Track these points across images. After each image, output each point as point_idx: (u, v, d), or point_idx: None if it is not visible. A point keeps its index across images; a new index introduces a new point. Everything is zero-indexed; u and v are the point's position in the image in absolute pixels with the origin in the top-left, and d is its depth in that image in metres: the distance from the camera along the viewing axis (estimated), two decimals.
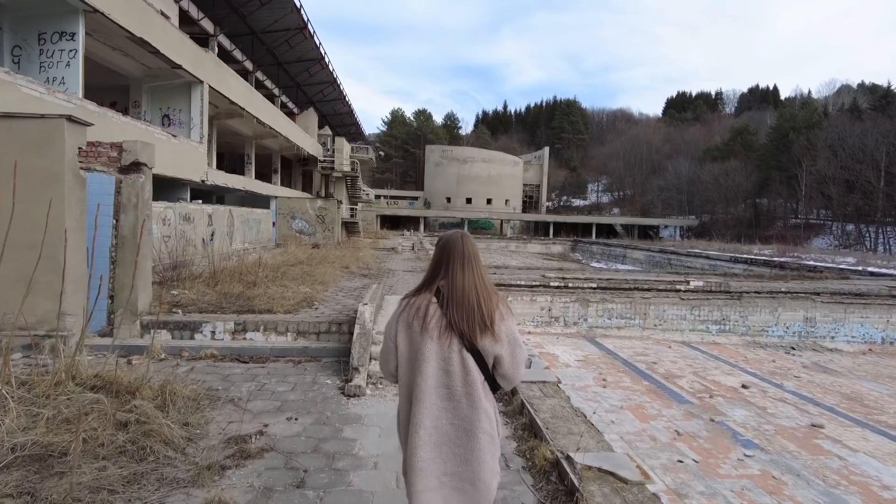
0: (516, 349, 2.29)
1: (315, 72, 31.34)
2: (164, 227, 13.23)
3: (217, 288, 9.65)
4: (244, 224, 19.96)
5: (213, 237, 16.10)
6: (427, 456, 2.23)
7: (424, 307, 2.26)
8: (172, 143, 13.73)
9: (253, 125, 22.95)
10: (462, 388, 2.23)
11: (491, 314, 2.25)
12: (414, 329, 2.26)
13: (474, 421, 2.25)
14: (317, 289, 10.36)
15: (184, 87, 15.29)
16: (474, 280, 2.29)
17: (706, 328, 14.93)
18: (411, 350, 2.28)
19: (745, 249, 40.05)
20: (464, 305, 2.23)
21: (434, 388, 2.23)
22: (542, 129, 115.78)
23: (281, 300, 8.69)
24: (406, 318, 2.30)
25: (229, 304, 8.49)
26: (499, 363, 2.28)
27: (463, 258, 2.32)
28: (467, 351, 2.23)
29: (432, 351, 2.22)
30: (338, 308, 8.63)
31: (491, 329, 2.23)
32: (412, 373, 2.27)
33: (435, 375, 2.23)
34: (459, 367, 2.22)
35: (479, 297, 2.26)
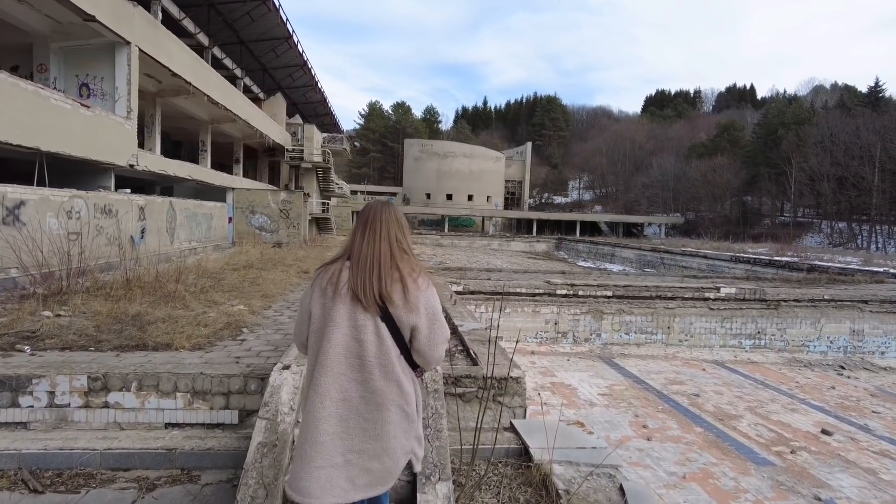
0: (435, 324, 2.11)
1: (282, 52, 28.33)
2: (69, 220, 10.32)
3: (116, 306, 6.85)
4: (190, 219, 17.03)
5: (143, 234, 13.18)
6: (332, 430, 2.03)
7: (338, 272, 2.10)
8: (83, 116, 10.81)
9: (206, 106, 19.96)
10: (375, 359, 2.04)
11: (401, 279, 2.06)
12: (327, 294, 2.09)
13: (386, 394, 2.06)
14: (255, 305, 7.61)
15: (105, 49, 12.36)
16: (381, 244, 2.11)
17: (739, 343, 12.53)
18: (323, 316, 2.08)
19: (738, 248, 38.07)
20: (365, 267, 2.06)
21: (343, 356, 2.04)
22: (523, 126, 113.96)
23: (194, 326, 5.95)
24: (320, 284, 2.13)
25: (114, 333, 5.72)
26: (415, 336, 2.09)
27: (374, 223, 2.15)
28: (382, 320, 2.04)
29: (343, 316, 2.04)
30: (276, 339, 5.92)
31: (403, 296, 2.04)
32: (322, 339, 2.06)
33: (345, 343, 2.04)
34: (373, 337, 2.04)
35: (384, 260, 2.08)
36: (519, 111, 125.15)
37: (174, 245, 15.72)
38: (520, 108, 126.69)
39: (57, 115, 9.95)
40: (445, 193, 67.74)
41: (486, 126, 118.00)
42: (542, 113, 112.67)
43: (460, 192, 67.80)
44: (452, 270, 13.65)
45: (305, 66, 31.83)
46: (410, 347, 2.12)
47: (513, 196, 78.29)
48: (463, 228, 61.81)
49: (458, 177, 67.79)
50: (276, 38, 26.41)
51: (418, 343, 2.10)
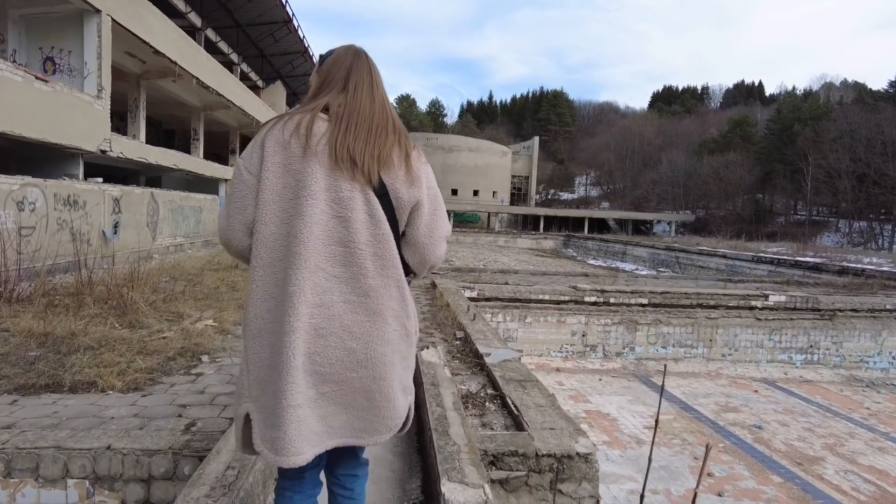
0: (438, 208, 1.56)
1: (281, 36, 26.76)
2: (20, 213, 8.87)
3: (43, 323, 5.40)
4: (176, 213, 15.57)
5: (116, 229, 11.72)
6: (303, 349, 1.38)
7: (307, 123, 1.44)
8: (39, 91, 9.32)
9: (197, 91, 18.47)
10: (368, 247, 1.43)
11: (403, 145, 1.51)
12: (292, 150, 1.42)
13: (383, 297, 1.44)
14: (226, 319, 6.14)
15: (73, 18, 10.87)
16: (384, 103, 1.57)
17: (788, 358, 11.04)
18: (286, 181, 1.41)
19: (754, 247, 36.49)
20: (354, 122, 1.47)
21: (322, 242, 1.40)
22: (529, 121, 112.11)
23: (135, 353, 4.49)
24: (278, 137, 1.43)
25: (23, 365, 4.26)
26: (414, 219, 1.50)
27: (371, 74, 1.58)
28: (375, 193, 1.44)
29: (320, 184, 1.40)
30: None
31: (405, 163, 1.48)
32: (287, 221, 1.40)
33: (324, 223, 1.40)
34: (364, 215, 1.42)
35: (384, 120, 1.52)
36: (525, 106, 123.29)
37: (157, 241, 14.27)
38: (525, 103, 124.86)
39: (2, 87, 8.48)
40: (450, 188, 66.13)
41: (491, 121, 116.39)
42: (548, 108, 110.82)
43: (465, 186, 66.18)
44: (463, 272, 12.19)
45: (306, 52, 30.25)
46: (404, 240, 1.52)
47: (519, 191, 76.67)
48: (468, 224, 60.30)
49: (463, 171, 66.17)
50: (274, 21, 24.85)
51: (416, 230, 1.51)
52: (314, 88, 1.61)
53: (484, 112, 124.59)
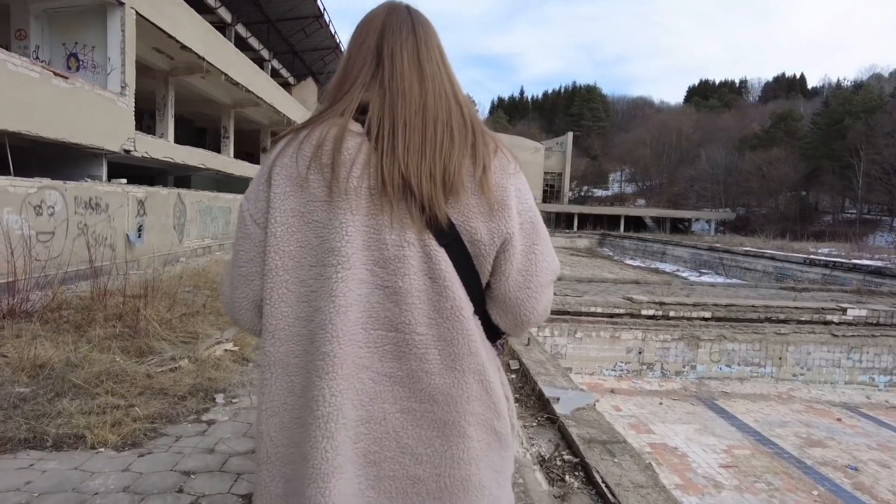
0: (537, 240, 1.02)
1: (312, 31, 26.22)
2: (37, 217, 8.36)
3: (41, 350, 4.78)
4: (204, 214, 15.10)
5: (140, 232, 11.21)
6: (347, 487, 0.91)
7: (334, 141, 0.94)
8: (57, 88, 8.80)
9: (226, 87, 18.01)
10: (429, 329, 0.93)
11: (482, 151, 0.98)
12: (311, 190, 0.95)
13: (458, 401, 0.95)
14: (248, 341, 5.43)
15: (96, 11, 10.36)
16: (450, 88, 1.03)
17: (870, 380, 9.91)
18: (304, 239, 0.95)
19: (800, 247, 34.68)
20: (423, 122, 0.97)
21: (362, 328, 0.93)
22: (561, 116, 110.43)
23: (135, 395, 3.80)
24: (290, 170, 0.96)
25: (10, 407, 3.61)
26: (502, 264, 0.98)
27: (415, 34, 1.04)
28: (439, 241, 0.94)
29: (355, 241, 0.93)
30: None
31: (480, 180, 0.95)
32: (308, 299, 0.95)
33: (363, 300, 0.93)
34: (422, 281, 0.93)
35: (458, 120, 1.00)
36: (557, 101, 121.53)
37: (184, 243, 13.80)
38: (557, 98, 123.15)
39: (17, 84, 7.96)
40: None
41: (522, 116, 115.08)
42: (580, 103, 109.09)
43: None
44: None
45: (338, 48, 29.70)
46: (489, 294, 1.02)
47: (552, 189, 75.25)
48: None
49: None
50: (305, 16, 24.32)
51: (506, 281, 0.99)
52: (338, 74, 1.08)
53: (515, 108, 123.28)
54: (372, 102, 1.00)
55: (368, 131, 0.98)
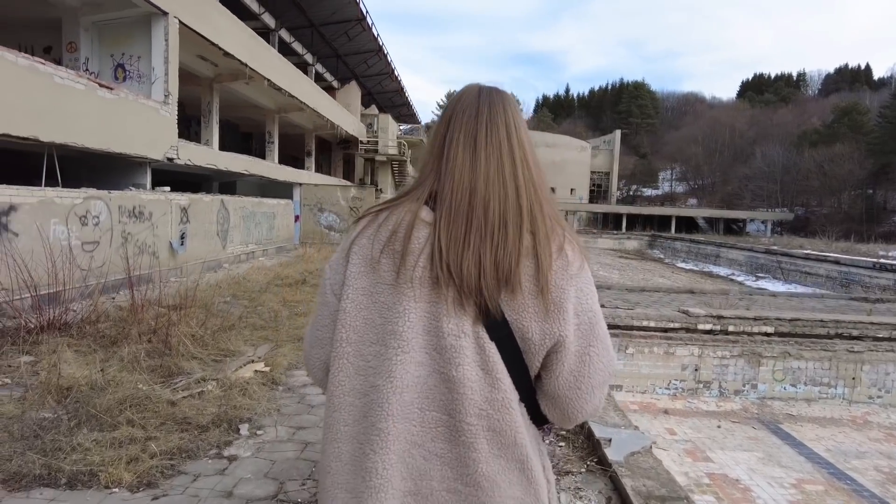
0: (593, 342, 1.02)
1: (355, 35, 26.27)
2: (83, 228, 8.44)
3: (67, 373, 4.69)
4: (248, 220, 15.19)
5: (183, 240, 11.28)
6: None
7: (407, 225, 1.02)
8: (102, 99, 8.87)
9: (269, 93, 18.14)
10: (479, 420, 0.99)
11: (536, 247, 0.99)
12: (381, 273, 1.03)
13: (501, 488, 1.01)
14: (280, 362, 5.22)
15: (141, 22, 10.48)
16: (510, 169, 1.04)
17: None
18: (369, 318, 1.03)
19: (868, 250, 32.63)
20: (482, 216, 1.00)
21: (418, 408, 1.01)
22: (608, 114, 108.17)
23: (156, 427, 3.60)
24: (366, 250, 1.05)
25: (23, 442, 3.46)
26: (554, 363, 1.01)
27: (494, 121, 1.06)
28: (490, 335, 0.98)
29: (416, 326, 0.99)
30: (288, 460, 3.44)
31: (538, 282, 0.97)
32: (366, 374, 1.03)
33: (420, 383, 1.00)
34: (475, 372, 0.99)
35: (523, 206, 1.01)
36: (603, 98, 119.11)
37: (227, 249, 13.89)
38: (604, 96, 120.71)
39: (64, 97, 8.04)
40: None
41: (568, 115, 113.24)
42: (628, 100, 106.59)
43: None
44: None
45: (381, 51, 29.76)
46: (539, 388, 1.06)
47: (599, 188, 73.70)
48: None
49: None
50: (347, 19, 24.37)
51: (556, 380, 1.02)
52: (420, 159, 1.16)
53: (560, 106, 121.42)
54: (438, 191, 1.05)
55: (436, 221, 1.02)
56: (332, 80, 31.02)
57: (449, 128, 1.09)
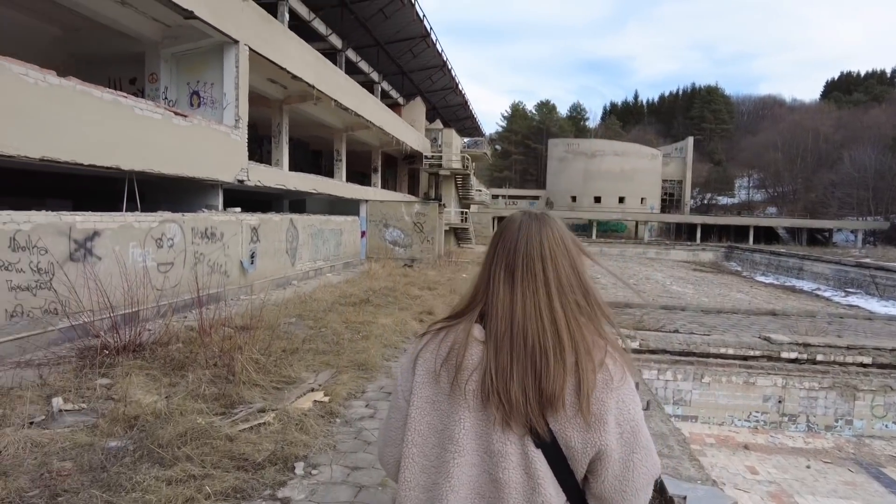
0: (636, 449, 1.13)
1: (419, 52, 26.59)
2: (158, 250, 8.82)
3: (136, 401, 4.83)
4: (316, 237, 15.53)
5: (253, 259, 11.63)
6: None
7: (461, 345, 1.17)
8: (177, 126, 9.30)
9: (336, 112, 18.58)
10: None
11: (578, 368, 1.10)
12: (441, 384, 1.18)
13: None
14: (339, 392, 5.17)
15: (214, 51, 10.95)
16: (547, 300, 1.16)
17: None
18: (431, 423, 1.18)
19: None
20: (517, 347, 1.13)
21: (469, 501, 1.14)
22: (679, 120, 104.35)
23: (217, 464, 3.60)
24: (429, 364, 1.21)
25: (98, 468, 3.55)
26: (598, 470, 1.13)
27: (531, 258, 1.19)
28: (535, 444, 1.11)
29: (469, 434, 1.14)
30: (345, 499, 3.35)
31: (579, 399, 1.09)
32: (428, 472, 1.18)
33: (471, 482, 1.14)
34: (520, 475, 1.11)
35: (554, 332, 1.13)
36: (674, 104, 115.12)
37: (296, 267, 14.24)
38: (675, 101, 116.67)
39: (143, 127, 8.47)
40: (593, 196, 62.98)
41: (637, 122, 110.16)
42: (701, 105, 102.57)
43: (610, 193, 62.61)
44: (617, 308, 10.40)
45: (445, 66, 29.98)
46: (587, 490, 1.16)
47: (671, 197, 71.09)
48: (613, 234, 56.85)
49: (607, 177, 62.68)
50: (412, 37, 24.70)
51: (602, 484, 1.13)
52: (484, 269, 1.25)
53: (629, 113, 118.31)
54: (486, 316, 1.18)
55: (486, 340, 1.15)
56: (398, 97, 31.53)
57: (494, 261, 1.22)
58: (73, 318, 6.78)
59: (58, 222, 6.95)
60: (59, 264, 6.90)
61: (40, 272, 6.69)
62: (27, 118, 6.70)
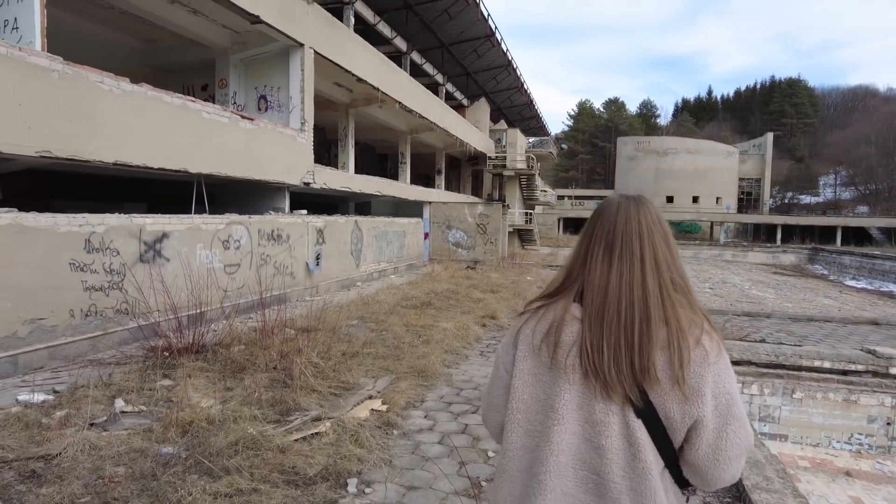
0: (730, 421, 1.20)
1: (484, 52, 26.27)
2: (225, 251, 8.95)
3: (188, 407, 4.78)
4: (380, 239, 15.52)
5: (318, 260, 11.68)
6: None
7: (559, 321, 1.28)
8: (243, 130, 9.42)
9: (401, 115, 18.59)
10: (623, 481, 1.21)
11: (674, 341, 1.18)
12: (542, 358, 1.29)
13: None
14: (397, 401, 4.93)
15: (280, 55, 11.08)
16: (644, 275, 1.23)
17: None
18: (534, 393, 1.29)
19: None
20: (615, 321, 1.21)
21: (571, 467, 1.25)
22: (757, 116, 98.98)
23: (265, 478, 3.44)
24: (530, 340, 1.32)
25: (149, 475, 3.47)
26: (694, 439, 1.21)
27: (629, 235, 1.27)
28: (636, 413, 1.20)
29: (570, 405, 1.24)
30: None
31: (676, 372, 1.17)
32: (532, 436, 1.29)
33: (572, 448, 1.25)
34: (621, 442, 1.21)
35: (650, 306, 1.21)
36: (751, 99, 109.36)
37: (360, 268, 14.26)
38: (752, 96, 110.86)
39: (210, 130, 8.61)
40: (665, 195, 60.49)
41: (711, 118, 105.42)
42: (781, 99, 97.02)
43: (682, 193, 59.97)
44: None
45: (510, 66, 29.54)
46: (681, 456, 1.24)
47: (748, 197, 67.38)
48: (687, 235, 54.34)
49: (679, 176, 60.07)
50: (476, 37, 24.43)
51: (697, 452, 1.21)
52: (581, 248, 1.34)
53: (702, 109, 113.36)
54: (589, 294, 1.26)
55: (583, 317, 1.25)
56: (462, 99, 31.35)
57: (591, 241, 1.30)
58: (142, 318, 6.93)
59: (129, 224, 7.12)
60: (129, 265, 7.07)
61: (112, 273, 6.87)
62: (102, 124, 6.90)
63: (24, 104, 6.00)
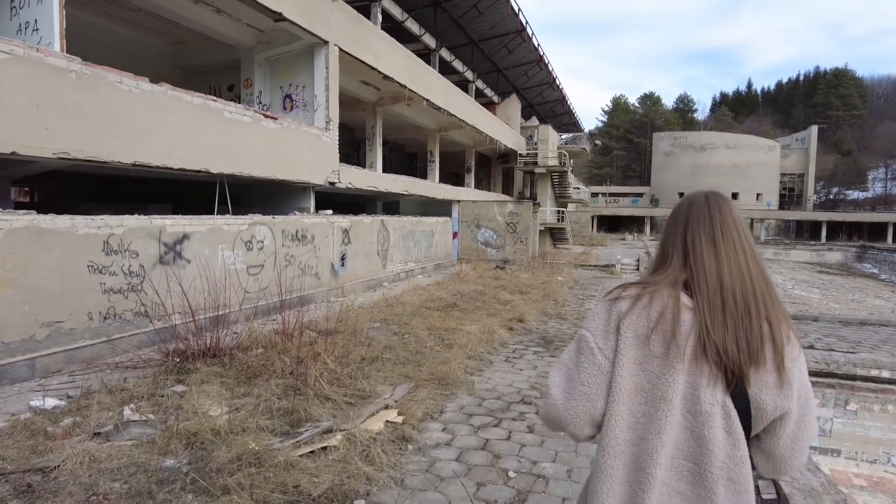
0: (807, 412, 1.28)
1: (515, 47, 25.79)
2: (248, 252, 8.83)
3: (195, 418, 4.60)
4: (407, 238, 15.30)
5: (343, 261, 11.50)
6: None
7: (672, 309, 1.27)
8: (267, 129, 9.28)
9: (429, 112, 18.32)
10: (721, 470, 1.24)
11: (771, 332, 1.25)
12: (652, 348, 1.26)
13: None
14: (414, 412, 4.65)
15: (305, 53, 10.93)
16: (744, 263, 1.30)
17: None
18: (639, 383, 1.28)
19: None
20: (732, 307, 1.26)
21: (671, 456, 1.26)
22: (800, 108, 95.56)
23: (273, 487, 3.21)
24: (637, 328, 1.28)
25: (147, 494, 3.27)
26: (776, 429, 1.28)
27: (714, 227, 1.33)
28: (735, 404, 1.25)
29: (679, 392, 1.24)
30: None
31: (775, 363, 1.24)
32: (634, 428, 1.28)
33: (675, 437, 1.26)
34: (722, 433, 1.24)
35: (758, 295, 1.27)
36: (793, 92, 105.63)
37: (387, 268, 14.06)
38: (794, 88, 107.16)
39: (232, 130, 8.49)
40: None
41: (751, 112, 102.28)
42: (826, 90, 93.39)
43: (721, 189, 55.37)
44: None
45: (541, 61, 28.98)
46: (757, 446, 1.31)
47: (790, 192, 65.04)
48: None
49: (717, 172, 58.35)
50: (507, 32, 23.99)
51: (776, 442, 1.28)
52: (658, 252, 1.42)
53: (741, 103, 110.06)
54: (690, 282, 1.30)
55: (694, 305, 1.27)
56: (493, 95, 30.93)
57: (687, 229, 1.36)
58: (162, 320, 6.83)
59: (148, 226, 7.02)
60: (149, 267, 6.97)
61: (132, 275, 6.78)
62: (121, 125, 6.82)
63: (41, 105, 5.94)
